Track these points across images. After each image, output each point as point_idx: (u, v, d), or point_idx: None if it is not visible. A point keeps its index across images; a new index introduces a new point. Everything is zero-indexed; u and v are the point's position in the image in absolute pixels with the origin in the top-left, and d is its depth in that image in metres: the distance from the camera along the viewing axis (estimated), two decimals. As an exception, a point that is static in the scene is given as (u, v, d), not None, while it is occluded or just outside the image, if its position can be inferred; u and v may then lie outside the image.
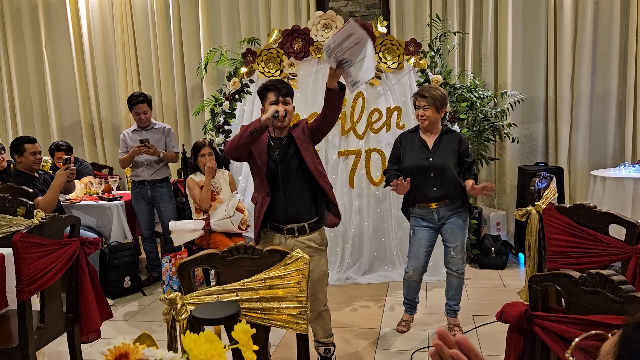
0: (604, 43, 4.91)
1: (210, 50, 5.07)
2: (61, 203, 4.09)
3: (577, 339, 0.83)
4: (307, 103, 4.33)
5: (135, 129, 4.34)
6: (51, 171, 4.38)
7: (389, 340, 3.23)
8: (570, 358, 0.85)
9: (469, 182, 3.08)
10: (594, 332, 0.78)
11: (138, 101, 4.21)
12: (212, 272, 3.97)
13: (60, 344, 2.87)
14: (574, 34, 4.94)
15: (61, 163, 3.86)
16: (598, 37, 4.92)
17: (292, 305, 1.75)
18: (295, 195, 2.60)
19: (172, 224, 3.89)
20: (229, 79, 4.48)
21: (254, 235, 2.72)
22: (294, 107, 2.68)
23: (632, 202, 4.04)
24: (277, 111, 2.49)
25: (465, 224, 3.17)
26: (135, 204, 4.34)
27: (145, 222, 4.37)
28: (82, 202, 4.33)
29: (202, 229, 3.85)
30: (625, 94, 4.90)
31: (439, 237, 3.24)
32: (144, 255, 4.59)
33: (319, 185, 2.60)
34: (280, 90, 2.60)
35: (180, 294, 1.73)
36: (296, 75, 4.33)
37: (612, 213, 2.27)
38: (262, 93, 2.64)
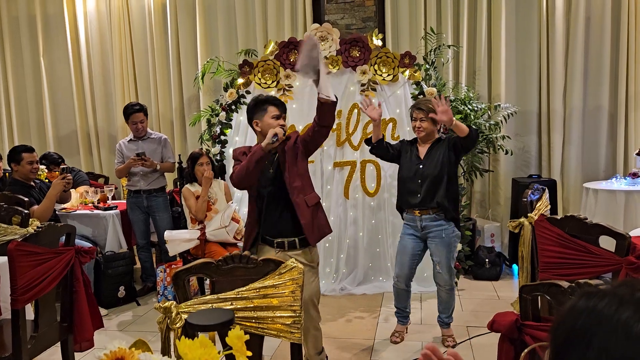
0: (595, 58, 4.98)
1: (208, 61, 5.11)
2: (56, 212, 4.10)
3: (526, 350, 0.86)
4: (303, 114, 4.36)
5: (131, 139, 4.37)
6: (47, 180, 4.38)
7: (383, 351, 3.24)
8: None
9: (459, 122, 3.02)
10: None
11: (134, 110, 4.25)
12: (207, 282, 3.98)
13: (53, 354, 2.86)
14: (566, 49, 5.01)
15: (57, 171, 3.87)
16: (589, 52, 5.00)
17: (286, 315, 1.77)
18: (286, 209, 2.63)
19: (168, 234, 3.90)
20: (225, 89, 4.52)
21: (243, 247, 2.75)
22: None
23: (624, 214, 4.09)
24: (276, 134, 2.50)
25: (450, 240, 3.16)
26: (131, 213, 4.35)
27: (140, 231, 4.37)
28: (78, 212, 4.33)
29: (198, 238, 3.85)
30: (616, 108, 4.97)
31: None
32: (138, 265, 4.58)
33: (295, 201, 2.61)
34: (284, 107, 2.65)
35: (175, 302, 1.74)
36: (292, 87, 4.37)
37: (602, 225, 2.30)
38: (261, 106, 2.63)
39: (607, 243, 2.35)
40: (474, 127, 3.15)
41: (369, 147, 3.31)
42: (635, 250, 2.19)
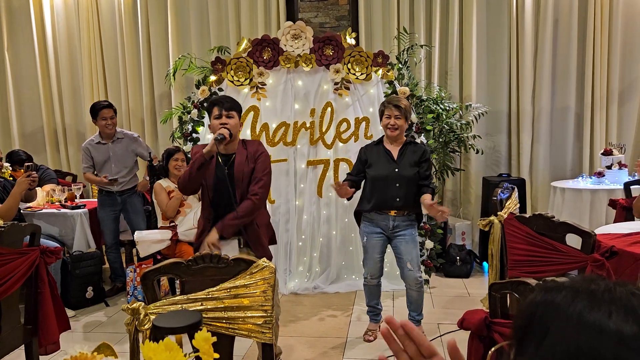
0: (563, 59, 5.10)
1: (179, 58, 5.04)
2: (21, 211, 3.98)
3: (493, 348, 0.88)
4: (277, 113, 4.34)
5: (99, 142, 4.22)
6: (11, 178, 4.25)
7: (356, 349, 3.25)
8: None
9: (427, 197, 3.05)
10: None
11: (104, 106, 4.16)
12: (178, 281, 3.92)
13: (17, 357, 2.78)
14: (535, 50, 5.11)
15: (22, 170, 3.76)
16: (557, 54, 5.11)
17: (257, 315, 1.75)
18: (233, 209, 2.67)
19: (138, 235, 3.83)
20: (197, 87, 4.46)
21: (196, 237, 2.79)
22: (240, 122, 2.74)
23: (590, 212, 4.20)
24: (220, 134, 2.55)
25: (416, 237, 3.23)
26: (101, 211, 4.26)
27: (110, 230, 4.28)
28: (44, 210, 4.21)
29: (170, 239, 3.80)
30: (582, 109, 5.09)
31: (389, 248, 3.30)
32: (107, 265, 4.48)
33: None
34: (223, 104, 2.66)
35: (143, 303, 1.71)
36: (265, 85, 4.34)
37: (569, 223, 2.36)
38: (209, 108, 2.71)
39: (573, 241, 2.40)
40: (432, 189, 3.14)
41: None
42: (600, 248, 2.25)
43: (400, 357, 0.79)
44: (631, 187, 4.02)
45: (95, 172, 4.25)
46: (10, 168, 4.36)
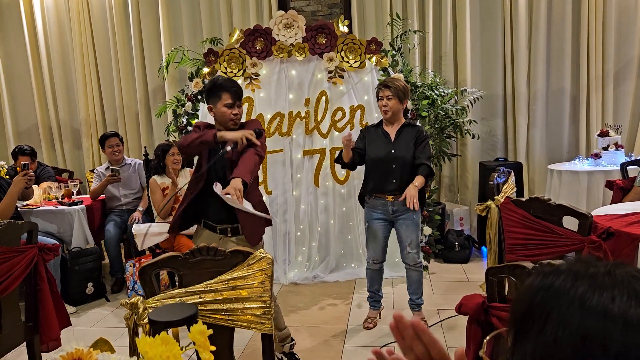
0: (557, 41, 5.07)
1: (172, 51, 5.00)
2: (19, 209, 3.97)
3: (492, 334, 0.87)
4: (271, 103, 4.32)
5: (108, 167, 4.45)
6: (7, 177, 4.23)
7: (356, 337, 3.27)
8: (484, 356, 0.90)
9: (417, 179, 3.04)
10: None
11: (110, 135, 4.50)
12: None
13: (20, 355, 2.79)
14: (529, 33, 5.08)
15: (20, 168, 3.76)
16: (552, 35, 5.08)
17: (256, 306, 1.76)
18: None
19: (136, 228, 3.83)
20: (191, 79, 4.43)
21: (170, 222, 2.77)
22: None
23: (587, 194, 4.20)
24: (236, 143, 2.44)
25: (418, 219, 3.24)
26: (108, 225, 4.37)
27: (112, 239, 4.32)
28: (42, 208, 4.20)
29: (168, 232, 3.79)
30: (578, 91, 5.08)
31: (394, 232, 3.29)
32: (107, 260, 4.49)
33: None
34: (237, 93, 2.57)
35: (142, 298, 1.71)
36: (259, 75, 4.31)
37: (566, 205, 2.36)
38: (214, 91, 2.56)
39: (570, 223, 2.41)
40: (428, 169, 3.10)
41: (341, 165, 3.29)
42: (597, 229, 2.26)
43: (407, 356, 0.77)
44: (628, 167, 4.02)
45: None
46: (6, 167, 4.35)
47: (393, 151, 3.15)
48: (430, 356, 0.77)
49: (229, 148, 2.44)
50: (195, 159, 2.78)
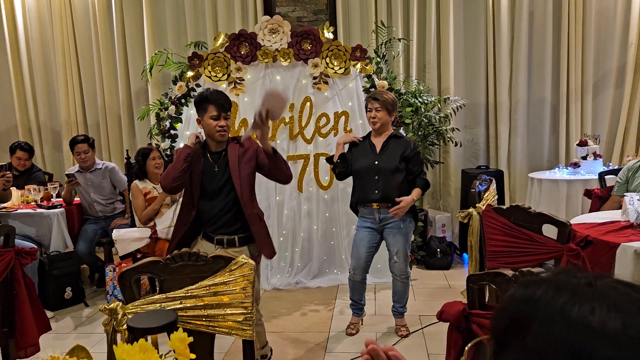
0: (538, 51, 5.16)
1: (156, 53, 4.96)
2: (-5, 212, 3.90)
3: (472, 342, 0.88)
4: (255, 108, 4.28)
5: (79, 170, 4.37)
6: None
7: (338, 343, 3.26)
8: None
9: (414, 192, 3.16)
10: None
11: (78, 141, 4.32)
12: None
13: (-6, 361, 2.73)
14: (511, 44, 5.17)
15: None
16: (533, 46, 5.17)
17: (237, 312, 1.75)
18: (227, 207, 2.64)
19: (116, 233, 3.78)
20: (174, 82, 4.41)
21: (171, 240, 2.76)
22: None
23: (566, 203, 4.27)
24: (197, 137, 2.60)
25: (407, 230, 3.23)
26: (85, 224, 4.31)
27: (86, 239, 4.24)
28: (19, 211, 4.13)
29: (149, 237, 3.76)
30: (558, 100, 5.17)
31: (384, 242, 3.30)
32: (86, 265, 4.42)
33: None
34: (223, 106, 2.63)
35: (121, 303, 1.69)
36: (243, 80, 4.31)
37: (545, 213, 2.39)
38: (202, 104, 2.64)
39: (550, 231, 2.44)
40: (424, 181, 3.22)
41: (332, 167, 3.39)
42: (576, 237, 2.29)
43: None
44: (605, 177, 4.10)
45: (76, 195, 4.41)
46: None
47: (377, 162, 3.17)
48: None
49: (196, 140, 2.61)
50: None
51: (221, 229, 2.65)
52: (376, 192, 3.15)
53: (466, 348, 0.89)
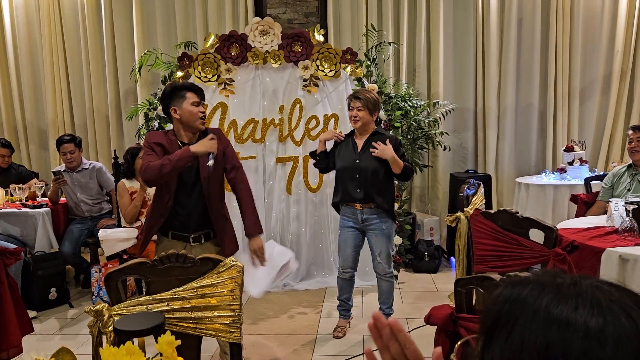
0: (526, 58, 5.22)
1: (145, 53, 4.93)
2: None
3: (460, 342, 0.89)
4: (245, 109, 4.30)
5: (66, 169, 4.31)
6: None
7: (326, 346, 3.26)
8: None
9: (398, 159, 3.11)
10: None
11: (64, 141, 4.26)
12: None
13: (-24, 362, 2.68)
14: (500, 49, 5.21)
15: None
16: (521, 52, 5.23)
17: (225, 314, 1.74)
18: (201, 203, 2.59)
19: (103, 233, 3.74)
20: (164, 82, 4.38)
21: (143, 240, 2.74)
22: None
23: (553, 207, 4.31)
24: (212, 153, 2.45)
25: (389, 231, 3.25)
26: (71, 224, 4.27)
27: (72, 239, 4.20)
28: (4, 210, 4.07)
29: (136, 237, 3.72)
30: (545, 106, 5.23)
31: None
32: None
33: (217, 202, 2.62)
34: (201, 92, 2.59)
35: (107, 305, 1.67)
36: (233, 81, 4.29)
37: (532, 218, 2.41)
38: (177, 92, 2.53)
39: (537, 235, 2.46)
40: (410, 165, 3.19)
41: (314, 162, 3.39)
42: (562, 242, 2.31)
43: (383, 355, 0.80)
44: (591, 182, 4.15)
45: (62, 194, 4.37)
46: None
47: (357, 161, 3.17)
48: (405, 356, 0.78)
49: (211, 162, 2.44)
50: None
51: (198, 228, 2.61)
52: (358, 191, 3.16)
53: (456, 346, 0.90)
